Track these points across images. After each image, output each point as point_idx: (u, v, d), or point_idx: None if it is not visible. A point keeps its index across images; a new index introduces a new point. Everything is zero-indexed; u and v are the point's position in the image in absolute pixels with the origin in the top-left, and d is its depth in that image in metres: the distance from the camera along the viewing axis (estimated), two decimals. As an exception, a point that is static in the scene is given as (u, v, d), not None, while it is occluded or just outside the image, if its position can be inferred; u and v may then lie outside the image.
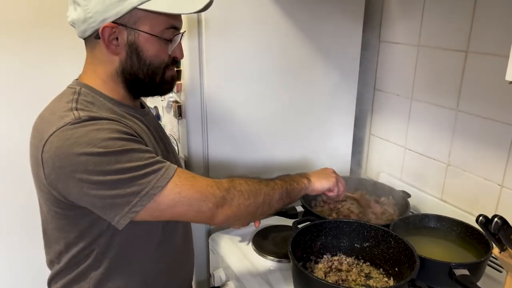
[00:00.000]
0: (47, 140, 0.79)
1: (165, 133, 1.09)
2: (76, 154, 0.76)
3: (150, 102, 1.51)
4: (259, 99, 1.35)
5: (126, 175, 0.77)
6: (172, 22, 0.88)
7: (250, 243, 1.23)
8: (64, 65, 1.73)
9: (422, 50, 1.35)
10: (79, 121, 0.79)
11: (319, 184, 1.06)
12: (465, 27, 1.19)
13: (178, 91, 1.28)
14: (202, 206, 0.83)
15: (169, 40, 0.88)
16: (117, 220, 0.79)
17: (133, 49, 0.86)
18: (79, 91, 0.86)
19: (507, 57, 0.75)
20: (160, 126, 1.07)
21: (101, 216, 0.81)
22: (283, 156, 1.45)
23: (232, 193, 0.87)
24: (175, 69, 1.25)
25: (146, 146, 0.85)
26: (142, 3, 0.82)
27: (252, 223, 1.18)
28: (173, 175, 0.81)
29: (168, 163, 0.83)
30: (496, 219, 0.75)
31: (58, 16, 1.68)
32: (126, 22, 0.84)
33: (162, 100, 1.39)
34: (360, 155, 1.68)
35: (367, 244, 1.07)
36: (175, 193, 0.81)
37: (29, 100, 1.71)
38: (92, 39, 0.86)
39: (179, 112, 1.29)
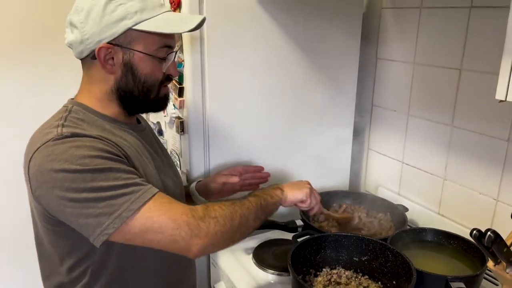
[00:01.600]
0: (32, 156, 0.81)
1: (164, 148, 1.11)
2: (54, 170, 0.77)
3: (153, 117, 1.54)
4: (259, 114, 1.39)
5: (100, 193, 0.77)
6: (166, 41, 0.91)
7: (251, 257, 1.25)
8: (64, 84, 1.77)
9: (417, 67, 1.38)
10: (61, 137, 0.80)
11: (292, 195, 1.04)
12: (458, 46, 1.23)
13: (180, 107, 1.32)
14: (175, 235, 0.79)
15: (163, 59, 0.91)
16: (92, 240, 0.79)
17: (128, 68, 0.89)
18: (70, 109, 0.89)
19: (498, 75, 0.78)
20: (158, 141, 1.09)
21: (81, 232, 0.81)
22: (282, 170, 1.48)
23: (207, 221, 0.82)
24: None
25: (128, 166, 0.84)
26: (136, 24, 0.86)
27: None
28: (149, 199, 0.79)
29: (148, 186, 0.82)
30: (489, 232, 0.77)
31: (59, 35, 1.74)
32: (121, 42, 0.87)
33: (164, 116, 1.42)
34: (358, 169, 1.71)
35: (365, 257, 1.08)
36: (147, 217, 0.78)
37: (29, 119, 1.74)
38: (89, 59, 0.89)
39: (181, 127, 1.32)
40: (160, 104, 0.97)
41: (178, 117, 1.34)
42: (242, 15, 1.26)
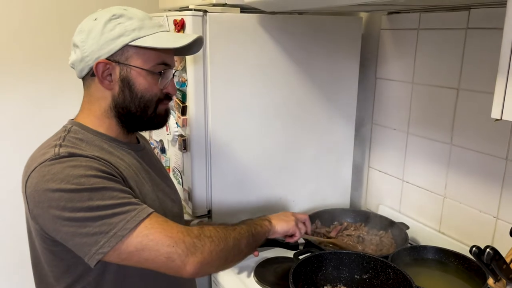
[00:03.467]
0: (29, 176, 0.82)
1: (163, 167, 1.12)
2: (51, 190, 0.78)
3: (156, 135, 1.57)
4: (261, 133, 1.41)
5: (97, 213, 0.77)
6: (163, 58, 0.93)
7: (252, 275, 1.25)
8: (67, 104, 1.81)
9: (416, 87, 1.41)
10: (58, 157, 0.81)
11: (280, 227, 1.07)
12: (455, 66, 1.26)
13: (183, 126, 1.34)
14: (171, 252, 0.79)
15: (159, 74, 0.93)
16: (87, 259, 0.79)
17: (126, 83, 0.90)
18: (69, 129, 0.90)
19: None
20: (157, 160, 1.10)
21: (76, 252, 0.81)
22: (283, 189, 1.49)
23: (203, 240, 0.83)
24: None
25: (124, 186, 0.85)
26: (133, 40, 0.88)
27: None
28: (145, 218, 0.80)
29: (144, 206, 0.82)
30: (488, 249, 0.78)
31: (63, 55, 1.77)
32: (118, 58, 0.89)
33: (167, 134, 1.44)
34: (359, 187, 1.72)
35: (366, 275, 1.09)
36: (143, 235, 0.78)
37: (32, 139, 1.77)
38: (89, 77, 0.92)
39: (184, 145, 1.34)
40: (157, 121, 0.97)
41: (181, 135, 1.36)
42: (244, 36, 1.29)
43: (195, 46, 0.98)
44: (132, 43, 0.88)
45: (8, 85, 1.73)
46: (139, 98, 0.92)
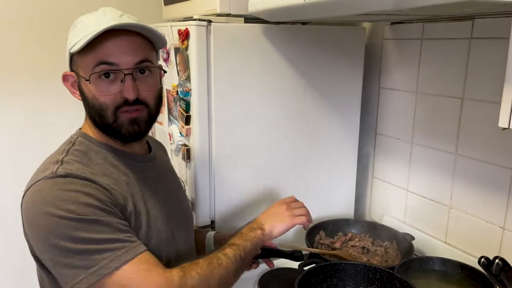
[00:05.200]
0: (26, 191, 0.81)
1: (177, 177, 1.10)
2: (39, 212, 0.75)
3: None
4: (265, 143, 1.40)
5: (81, 246, 0.73)
6: (99, 57, 0.81)
7: (256, 286, 1.23)
8: (72, 113, 1.81)
9: (420, 96, 1.41)
10: (53, 176, 0.78)
11: (276, 230, 0.99)
12: (460, 76, 1.26)
13: (187, 135, 1.34)
14: None
15: (98, 76, 0.82)
16: None
17: (82, 94, 0.87)
18: (74, 141, 0.88)
19: (500, 103, 0.79)
20: (171, 171, 1.08)
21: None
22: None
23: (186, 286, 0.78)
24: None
25: (118, 217, 0.80)
26: (71, 47, 0.83)
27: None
28: (130, 259, 0.75)
29: (134, 244, 0.78)
30: (497, 260, 0.77)
31: (66, 65, 1.78)
32: (74, 69, 0.87)
33: (171, 144, 1.44)
34: (363, 198, 1.71)
35: (372, 286, 1.07)
36: (121, 285, 0.74)
37: (36, 149, 1.77)
38: None
39: (188, 155, 1.33)
40: (123, 132, 0.86)
41: (185, 145, 1.35)
42: (248, 46, 1.30)
43: (159, 42, 0.88)
44: (71, 51, 0.83)
45: (9, 96, 1.74)
46: (91, 108, 0.85)
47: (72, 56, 0.87)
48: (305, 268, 1.08)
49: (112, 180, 0.85)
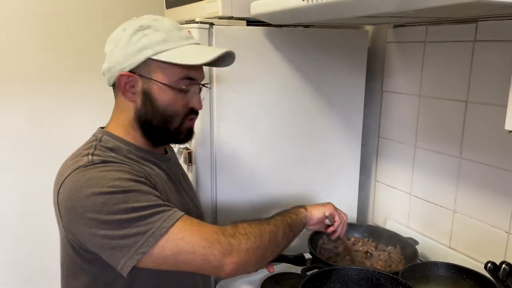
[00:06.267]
0: (62, 183, 0.83)
1: (188, 178, 1.11)
2: (85, 195, 0.78)
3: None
4: (267, 146, 1.39)
5: (133, 214, 0.78)
6: (187, 73, 0.90)
7: (258, 291, 1.22)
8: (75, 116, 1.81)
9: (423, 99, 1.40)
10: (91, 164, 0.83)
11: (317, 212, 1.06)
12: (464, 79, 1.25)
13: (188, 139, 1.33)
14: (208, 254, 0.79)
15: (183, 90, 0.90)
16: (123, 263, 0.78)
17: (147, 97, 0.90)
18: (100, 138, 0.91)
19: (505, 106, 0.78)
20: (183, 172, 1.10)
21: (108, 261, 0.80)
22: (290, 202, 1.46)
23: (238, 238, 0.83)
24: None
25: (156, 190, 0.86)
26: (155, 54, 0.87)
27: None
28: (178, 219, 0.80)
29: (175, 208, 0.83)
30: (503, 265, 0.76)
31: (71, 67, 1.78)
32: (141, 71, 0.89)
33: (173, 147, 1.43)
34: (366, 202, 1.70)
35: (376, 292, 1.06)
36: (179, 238, 0.79)
37: (39, 151, 1.77)
38: (115, 87, 0.93)
39: (189, 158, 1.33)
40: (182, 137, 0.96)
41: (186, 148, 1.35)
42: (250, 48, 1.29)
43: (227, 59, 0.96)
44: (155, 57, 0.87)
45: (14, 97, 1.74)
46: (161, 112, 0.91)
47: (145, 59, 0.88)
48: (308, 273, 1.07)
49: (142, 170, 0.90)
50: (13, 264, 1.81)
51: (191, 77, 0.92)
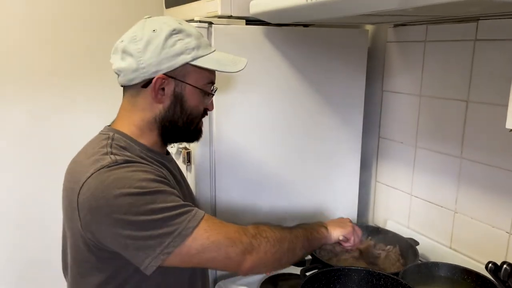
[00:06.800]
0: (84, 183, 0.82)
1: (186, 179, 1.11)
2: (112, 195, 0.79)
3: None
4: (267, 146, 1.38)
5: (160, 215, 0.80)
6: (212, 78, 0.97)
7: (257, 292, 1.21)
8: (75, 116, 1.81)
9: (424, 99, 1.39)
10: (116, 164, 0.83)
11: (335, 233, 1.09)
12: (464, 78, 1.24)
13: (187, 139, 1.32)
14: (230, 252, 0.84)
15: (208, 93, 0.97)
16: (148, 263, 0.79)
17: (178, 99, 0.93)
18: (112, 137, 0.90)
19: (506, 106, 0.78)
20: (182, 174, 1.10)
21: (131, 260, 0.82)
22: (288, 203, 1.46)
23: (259, 240, 0.88)
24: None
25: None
26: (193, 59, 0.91)
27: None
28: (202, 218, 0.83)
29: (196, 208, 0.86)
30: (505, 266, 0.75)
31: (71, 67, 1.78)
32: (176, 75, 0.91)
33: (171, 147, 1.42)
34: (366, 202, 1.69)
35: (376, 293, 1.05)
36: (204, 238, 0.82)
37: (39, 151, 1.76)
38: (138, 87, 0.92)
39: (188, 158, 1.32)
40: (197, 136, 1.02)
41: (185, 148, 1.34)
42: (250, 48, 1.29)
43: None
44: (193, 62, 0.91)
45: (14, 97, 1.73)
46: (187, 114, 0.95)
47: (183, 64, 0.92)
48: (307, 273, 1.06)
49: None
50: (13, 264, 1.81)
51: (213, 81, 0.98)
